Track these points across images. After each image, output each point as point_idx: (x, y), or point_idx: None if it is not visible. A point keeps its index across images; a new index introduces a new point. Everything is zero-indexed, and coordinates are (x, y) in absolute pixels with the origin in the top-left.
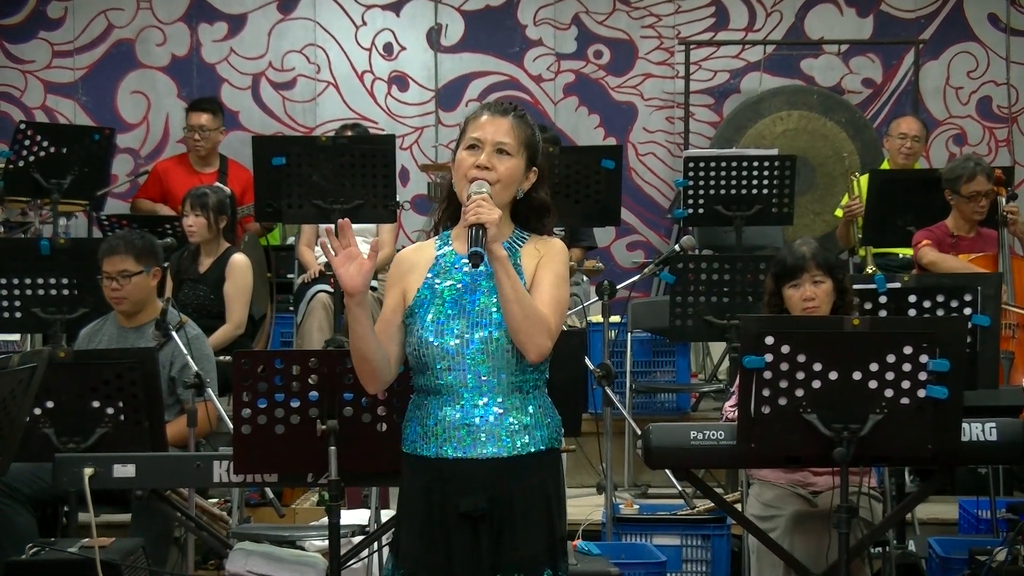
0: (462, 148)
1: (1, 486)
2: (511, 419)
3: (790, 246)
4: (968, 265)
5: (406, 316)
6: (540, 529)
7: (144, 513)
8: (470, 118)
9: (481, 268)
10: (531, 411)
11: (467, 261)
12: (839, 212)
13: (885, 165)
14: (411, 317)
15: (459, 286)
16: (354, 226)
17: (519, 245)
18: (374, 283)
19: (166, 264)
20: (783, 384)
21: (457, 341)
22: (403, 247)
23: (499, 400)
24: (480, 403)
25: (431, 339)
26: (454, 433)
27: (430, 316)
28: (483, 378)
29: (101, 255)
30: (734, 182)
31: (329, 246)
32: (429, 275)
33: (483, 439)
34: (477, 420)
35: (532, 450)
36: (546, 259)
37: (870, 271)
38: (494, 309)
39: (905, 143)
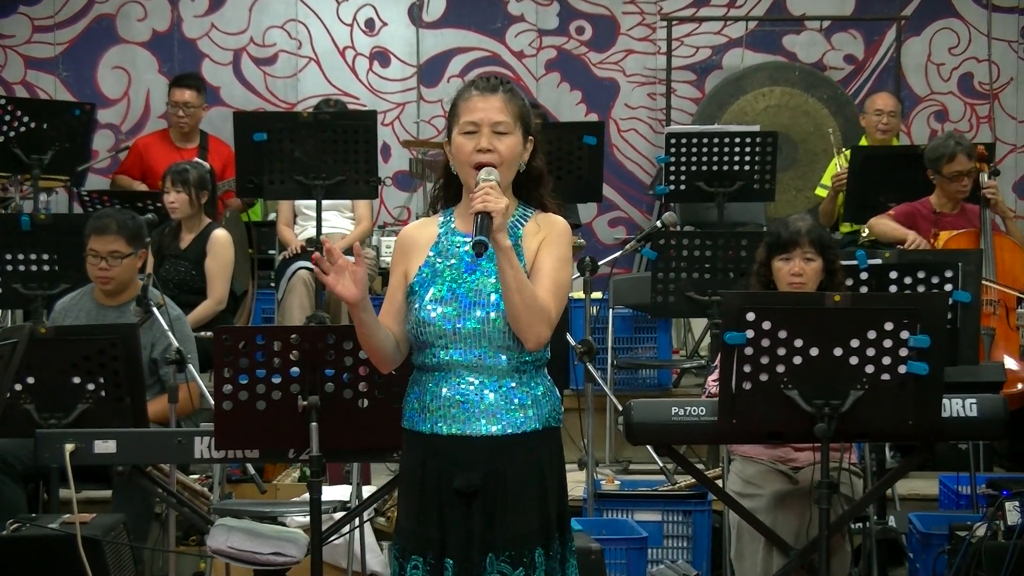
0: (458, 133)
1: None
2: (508, 398)
3: (786, 220)
4: (897, 228)
5: (407, 294)
6: (533, 508)
7: (125, 489)
8: (459, 99)
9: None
10: (529, 390)
11: (470, 249)
12: (820, 191)
13: (863, 142)
14: (411, 295)
15: (460, 265)
16: (331, 201)
17: (522, 224)
18: (350, 257)
19: (147, 240)
20: (764, 360)
21: (455, 320)
22: (385, 223)
23: (496, 379)
24: (477, 381)
25: (429, 317)
26: (449, 410)
27: (429, 294)
28: (480, 357)
29: (90, 232)
30: (716, 158)
31: (319, 269)
32: (431, 254)
33: (479, 417)
34: (473, 398)
35: (528, 429)
36: (548, 240)
37: (864, 233)
38: (492, 291)
39: (881, 119)
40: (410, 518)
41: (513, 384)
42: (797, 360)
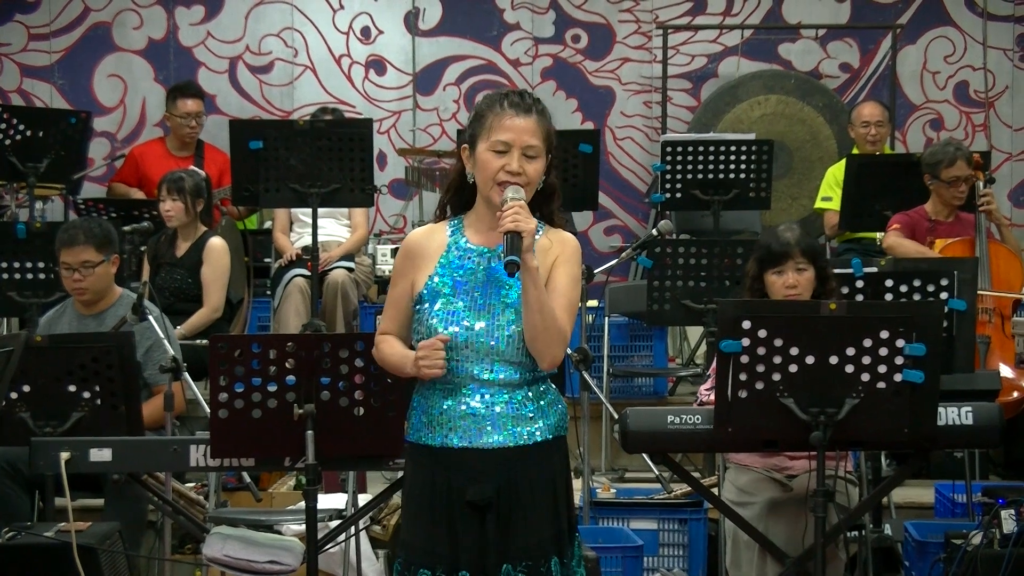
0: (487, 148)
1: (4, 465)
2: (518, 410)
3: (775, 232)
4: (923, 250)
5: (415, 303)
6: (546, 517)
7: (117, 498)
8: (490, 112)
9: (489, 263)
10: (538, 401)
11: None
12: (822, 204)
13: (856, 151)
14: (420, 304)
15: (471, 277)
16: (327, 209)
17: (534, 239)
18: (350, 264)
19: (142, 248)
20: (760, 368)
21: (467, 333)
22: (380, 232)
23: (507, 391)
24: (488, 394)
25: (441, 329)
26: (460, 423)
27: (439, 305)
28: (492, 369)
29: (59, 246)
30: (711, 166)
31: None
32: (441, 264)
33: (490, 429)
34: (484, 410)
35: (539, 439)
36: (563, 259)
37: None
38: (507, 303)
39: (869, 131)
40: (418, 532)
41: (522, 396)
42: (793, 368)
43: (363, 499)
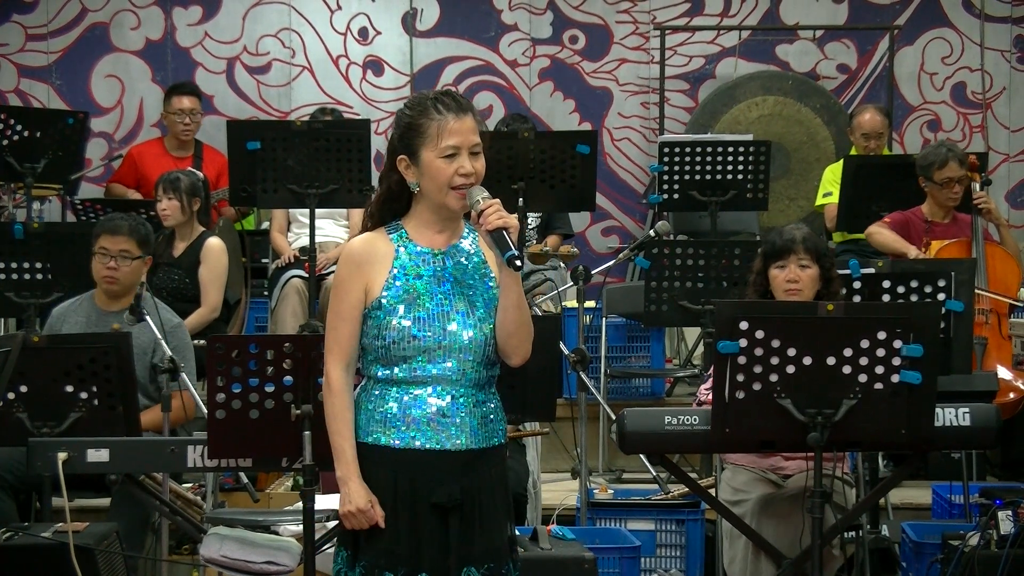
0: (437, 156)
1: None
2: (481, 411)
3: (781, 229)
4: (902, 244)
5: (373, 308)
6: (504, 521)
7: (124, 498)
8: (425, 119)
9: (445, 264)
10: (493, 405)
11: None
12: (823, 199)
13: (854, 151)
14: (379, 309)
15: (428, 280)
16: (326, 209)
17: (476, 236)
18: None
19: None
20: (757, 369)
21: (440, 334)
22: None
23: (472, 392)
24: (457, 395)
25: (409, 332)
26: (430, 424)
27: (403, 309)
28: (459, 370)
29: (100, 231)
30: (709, 167)
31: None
32: (395, 268)
33: (455, 431)
34: (451, 412)
35: (495, 443)
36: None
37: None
38: (474, 304)
39: (869, 144)
40: (380, 534)
41: (483, 398)
42: (790, 369)
43: None
